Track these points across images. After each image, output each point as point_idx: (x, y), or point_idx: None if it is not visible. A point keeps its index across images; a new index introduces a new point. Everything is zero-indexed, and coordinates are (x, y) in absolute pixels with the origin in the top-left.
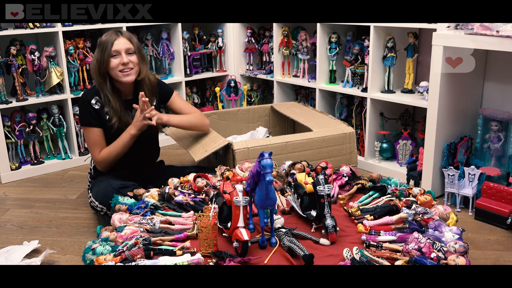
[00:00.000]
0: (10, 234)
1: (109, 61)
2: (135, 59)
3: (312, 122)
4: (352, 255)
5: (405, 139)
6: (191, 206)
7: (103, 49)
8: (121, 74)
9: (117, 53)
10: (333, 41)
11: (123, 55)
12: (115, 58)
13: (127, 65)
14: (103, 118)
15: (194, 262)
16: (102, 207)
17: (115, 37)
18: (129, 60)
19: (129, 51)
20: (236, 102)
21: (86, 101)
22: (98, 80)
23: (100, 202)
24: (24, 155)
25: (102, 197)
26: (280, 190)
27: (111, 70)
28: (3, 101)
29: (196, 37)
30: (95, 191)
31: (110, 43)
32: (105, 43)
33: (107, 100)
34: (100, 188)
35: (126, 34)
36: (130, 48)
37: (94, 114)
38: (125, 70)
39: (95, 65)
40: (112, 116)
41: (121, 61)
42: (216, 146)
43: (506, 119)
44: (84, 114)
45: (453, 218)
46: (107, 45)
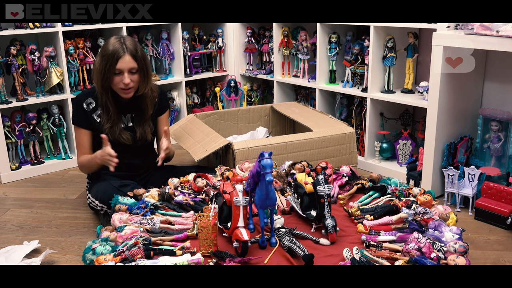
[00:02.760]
0: (10, 234)
1: (112, 78)
2: (136, 78)
3: (312, 122)
4: (352, 255)
5: (405, 139)
6: (191, 206)
7: (107, 64)
8: (121, 91)
9: (120, 72)
10: (333, 41)
11: (126, 75)
12: (118, 76)
13: (127, 85)
14: (93, 121)
15: (194, 262)
16: (102, 205)
17: (121, 54)
18: (130, 80)
19: (132, 70)
20: (236, 102)
21: (78, 102)
22: (100, 90)
23: (100, 201)
24: (24, 155)
25: (102, 196)
26: (280, 190)
27: (112, 85)
28: (3, 101)
29: (196, 37)
30: (94, 191)
31: (115, 59)
32: (110, 58)
33: (106, 108)
34: (99, 187)
35: (132, 49)
36: (134, 68)
37: (84, 116)
38: (126, 89)
39: (98, 76)
40: (105, 123)
41: (123, 80)
42: (216, 146)
43: (506, 119)
44: (75, 113)
45: (453, 218)
46: (112, 61)
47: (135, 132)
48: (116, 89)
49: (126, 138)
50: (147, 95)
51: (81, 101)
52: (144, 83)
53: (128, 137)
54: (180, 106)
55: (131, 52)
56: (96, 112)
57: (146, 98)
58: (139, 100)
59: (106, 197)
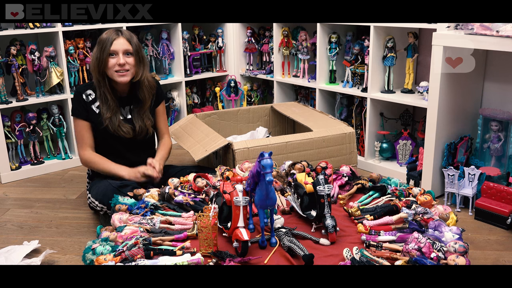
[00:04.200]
0: (10, 234)
1: (107, 61)
2: (132, 61)
3: (312, 122)
4: (352, 255)
5: (405, 139)
6: (191, 206)
7: (102, 47)
8: (116, 74)
9: (115, 53)
10: (333, 41)
11: (120, 56)
12: (113, 58)
13: (123, 66)
14: (92, 112)
15: (194, 262)
16: (102, 206)
17: (115, 36)
18: (125, 61)
19: (127, 52)
20: (236, 102)
21: (78, 93)
22: (97, 77)
23: (100, 201)
24: (24, 155)
25: (102, 197)
26: (280, 190)
27: (107, 69)
28: (3, 101)
29: (196, 37)
30: (94, 191)
31: (110, 42)
32: (104, 42)
33: (104, 97)
34: (99, 187)
35: (127, 34)
36: (129, 49)
37: (83, 107)
38: (121, 71)
39: (94, 62)
40: (105, 113)
41: (118, 61)
42: (216, 146)
43: (506, 119)
44: (75, 105)
45: (453, 218)
46: (106, 44)
47: (134, 125)
48: (111, 74)
49: (126, 130)
50: (144, 84)
51: (80, 92)
52: (141, 68)
53: (128, 130)
54: (180, 106)
55: (125, 35)
56: (95, 103)
57: (143, 88)
58: (137, 91)
59: (106, 198)
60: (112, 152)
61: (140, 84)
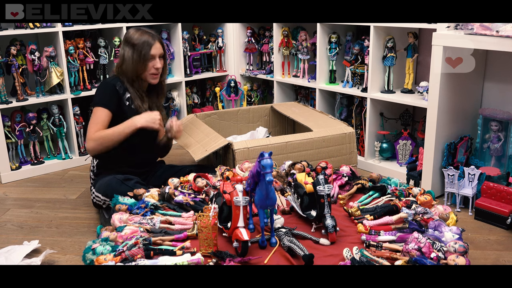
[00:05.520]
0: (10, 234)
1: (147, 65)
2: (163, 63)
3: (312, 122)
4: (352, 255)
5: (405, 139)
6: (191, 206)
7: (141, 51)
8: (151, 77)
9: (153, 57)
10: (333, 41)
11: (157, 60)
12: (150, 62)
13: (158, 69)
14: (122, 104)
15: (194, 262)
16: (105, 199)
17: (153, 41)
18: (161, 65)
19: (161, 55)
20: (236, 102)
21: (111, 85)
22: (132, 78)
23: (103, 194)
24: (24, 155)
25: (106, 189)
26: (280, 190)
27: (143, 71)
28: (3, 101)
29: (196, 37)
30: (98, 185)
31: (149, 46)
32: (142, 46)
33: (139, 96)
34: (103, 181)
35: (159, 37)
36: (162, 53)
37: (115, 98)
38: (156, 73)
39: (131, 65)
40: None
41: (154, 65)
42: (216, 146)
43: (506, 119)
44: (104, 95)
45: (453, 218)
46: (146, 49)
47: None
48: (145, 76)
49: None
50: (163, 83)
51: (114, 84)
52: (166, 69)
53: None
54: (180, 106)
55: (159, 39)
56: (125, 95)
57: (163, 86)
58: (156, 88)
59: (110, 189)
60: (129, 150)
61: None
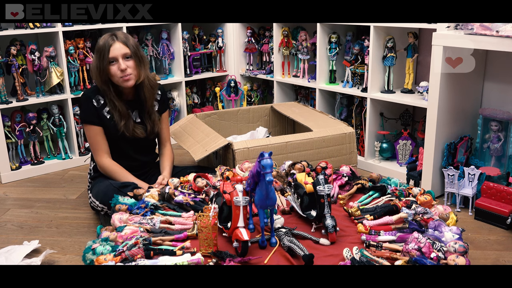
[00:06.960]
0: (10, 234)
1: (108, 69)
2: (132, 63)
3: (312, 122)
4: (352, 255)
5: (405, 139)
6: (191, 206)
7: (101, 56)
8: (121, 80)
9: (115, 60)
10: (333, 41)
11: (120, 61)
12: (113, 65)
13: (125, 71)
14: (103, 117)
15: (194, 262)
16: (103, 206)
17: (111, 42)
18: (126, 65)
19: (126, 55)
20: (236, 102)
21: (88, 98)
22: (102, 87)
23: (100, 201)
24: (24, 155)
25: (103, 197)
26: (280, 190)
27: (111, 77)
28: (3, 101)
29: (196, 37)
30: (95, 191)
31: (107, 49)
32: (102, 50)
33: (113, 105)
34: (100, 187)
35: (122, 37)
36: (127, 53)
37: (94, 112)
38: (124, 76)
39: (96, 72)
40: (118, 121)
41: (119, 67)
42: (216, 146)
43: (506, 119)
44: (85, 111)
45: (453, 218)
46: (104, 52)
47: (146, 126)
48: (116, 81)
49: (140, 132)
50: (145, 83)
51: (91, 97)
52: (142, 69)
53: (141, 131)
54: (180, 106)
55: (121, 39)
56: (105, 108)
57: (145, 87)
58: (139, 93)
59: (107, 197)
60: (122, 155)
61: (141, 84)
